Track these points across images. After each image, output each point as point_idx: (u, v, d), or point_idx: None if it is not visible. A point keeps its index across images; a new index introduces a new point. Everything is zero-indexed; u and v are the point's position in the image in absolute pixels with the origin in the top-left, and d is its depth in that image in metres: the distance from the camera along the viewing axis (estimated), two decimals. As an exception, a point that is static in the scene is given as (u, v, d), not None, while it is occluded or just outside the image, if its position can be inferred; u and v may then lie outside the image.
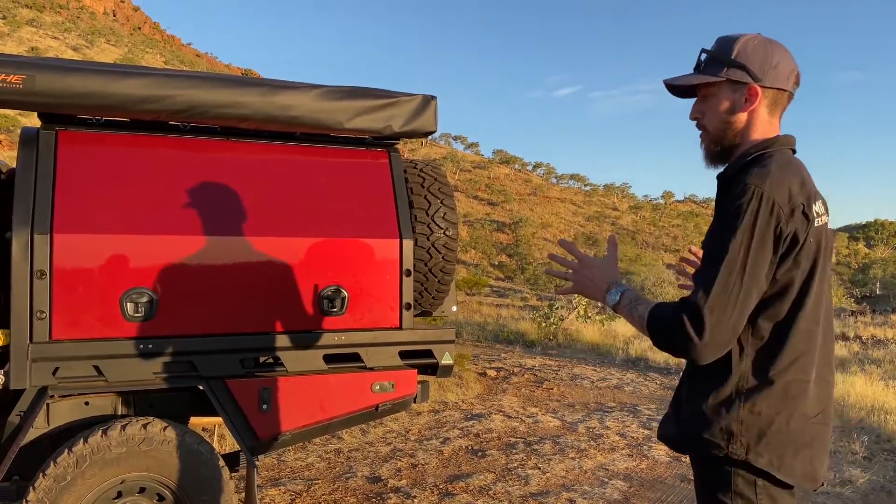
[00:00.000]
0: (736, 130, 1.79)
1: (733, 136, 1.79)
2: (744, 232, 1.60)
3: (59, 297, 3.00)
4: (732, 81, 1.76)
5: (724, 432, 1.67)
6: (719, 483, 1.70)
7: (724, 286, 1.59)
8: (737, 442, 1.67)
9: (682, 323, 1.59)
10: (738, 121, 1.78)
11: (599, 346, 13.66)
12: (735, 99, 1.77)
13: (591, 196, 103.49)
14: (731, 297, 1.59)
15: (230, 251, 3.28)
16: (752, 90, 1.75)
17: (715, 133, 1.81)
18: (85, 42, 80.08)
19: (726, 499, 1.68)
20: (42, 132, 3.17)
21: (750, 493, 1.67)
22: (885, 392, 8.33)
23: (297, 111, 3.44)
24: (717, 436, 1.68)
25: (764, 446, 1.66)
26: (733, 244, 1.60)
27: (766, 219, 1.60)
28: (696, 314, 1.58)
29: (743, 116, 1.77)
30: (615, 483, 5.10)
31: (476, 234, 67.23)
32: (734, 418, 1.67)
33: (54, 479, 2.91)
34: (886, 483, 5.23)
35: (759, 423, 1.66)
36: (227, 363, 3.27)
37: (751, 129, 1.78)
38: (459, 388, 8.43)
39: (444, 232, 3.72)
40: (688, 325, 1.58)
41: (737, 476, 1.68)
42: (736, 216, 1.61)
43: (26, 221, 2.96)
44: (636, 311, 1.73)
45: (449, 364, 3.72)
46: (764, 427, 1.66)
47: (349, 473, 5.15)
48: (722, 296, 1.58)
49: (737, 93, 1.76)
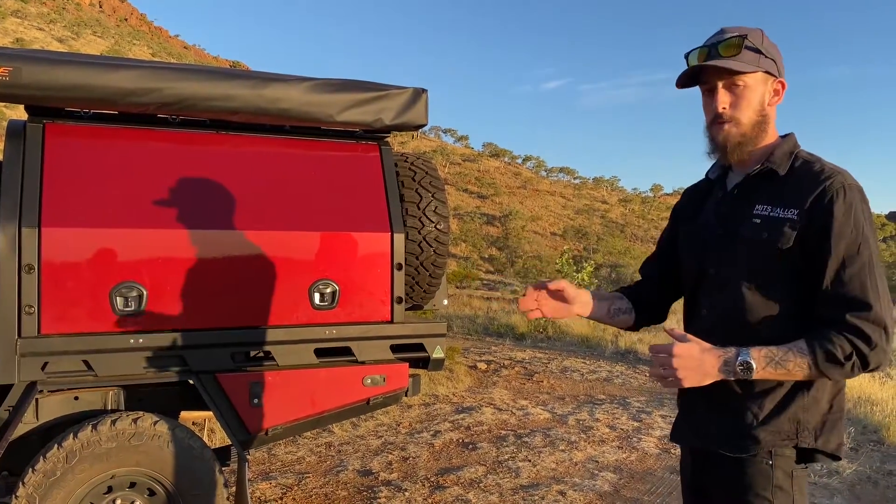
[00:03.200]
0: (766, 125, 1.77)
1: (762, 129, 1.77)
2: (871, 230, 1.64)
3: (47, 291, 2.98)
4: (766, 73, 1.75)
5: (792, 423, 1.68)
6: (758, 480, 1.69)
7: (883, 286, 1.62)
8: (804, 430, 1.68)
9: (867, 335, 1.58)
10: (769, 115, 1.77)
11: (589, 338, 13.71)
12: (765, 92, 1.75)
13: (580, 189, 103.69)
14: (888, 294, 1.63)
15: (220, 245, 3.26)
16: (782, 84, 1.76)
17: (749, 125, 1.75)
18: (71, 33, 79.30)
19: (766, 493, 1.68)
20: (29, 125, 3.14)
21: (787, 484, 1.68)
22: (870, 384, 8.42)
23: (287, 104, 3.42)
24: (786, 428, 1.68)
25: (829, 430, 1.69)
26: (871, 244, 1.63)
27: (870, 210, 1.67)
28: (879, 324, 1.58)
29: (772, 111, 1.77)
30: (605, 475, 5.13)
31: (466, 227, 67.25)
32: (800, 407, 1.68)
33: (44, 475, 2.90)
34: (872, 473, 5.29)
35: (820, 409, 1.69)
36: (218, 357, 3.26)
37: (770, 126, 1.79)
38: (450, 381, 8.45)
39: (436, 225, 3.71)
40: (873, 335, 1.58)
41: (777, 470, 1.68)
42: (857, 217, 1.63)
43: (13, 215, 2.93)
44: (788, 360, 1.60)
45: (440, 357, 3.72)
46: (825, 411, 1.70)
47: (340, 467, 5.15)
48: (885, 296, 1.62)
49: (767, 85, 1.75)
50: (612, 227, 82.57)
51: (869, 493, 4.89)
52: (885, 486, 5.03)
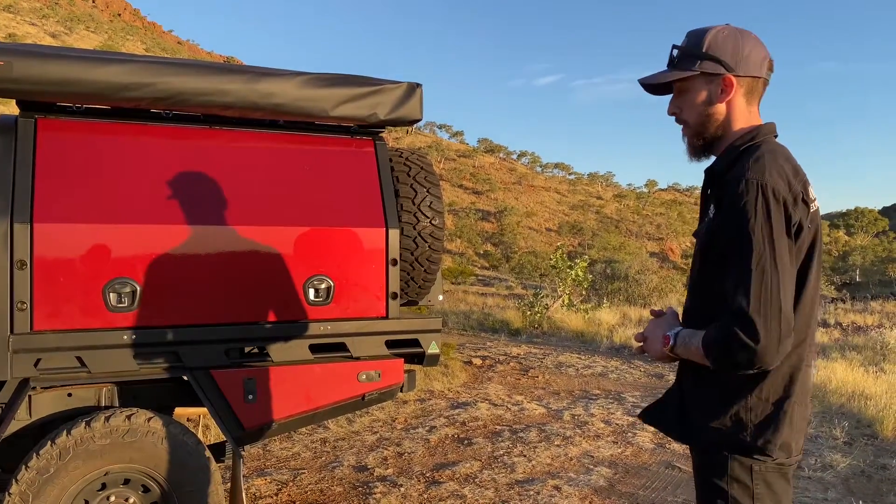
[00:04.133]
0: (717, 122, 1.80)
1: (715, 128, 1.80)
2: (761, 226, 1.60)
3: (40, 287, 2.96)
4: (707, 74, 1.78)
5: (734, 420, 1.69)
6: (716, 469, 1.71)
7: (762, 283, 1.57)
8: (746, 429, 1.68)
9: (735, 334, 1.56)
10: (717, 112, 1.79)
11: (584, 334, 13.73)
12: (711, 91, 1.79)
13: (575, 185, 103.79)
14: (773, 291, 1.56)
15: (214, 240, 3.25)
16: (727, 80, 1.77)
17: (696, 126, 1.82)
18: (64, 29, 78.90)
19: (722, 484, 1.70)
20: (21, 120, 3.11)
21: (746, 478, 1.68)
22: (864, 378, 8.45)
23: (281, 99, 3.41)
24: (728, 424, 1.69)
25: (772, 432, 1.68)
26: (755, 241, 1.59)
27: (776, 208, 1.61)
28: (744, 319, 1.56)
29: (721, 108, 1.79)
30: (600, 470, 5.14)
31: (461, 223, 67.26)
32: (743, 406, 1.68)
33: (37, 472, 2.88)
34: (866, 468, 5.31)
35: (767, 409, 1.68)
36: (212, 353, 3.24)
37: (732, 120, 1.79)
38: (445, 376, 8.45)
39: (431, 221, 3.70)
40: (741, 335, 1.55)
41: (733, 461, 1.69)
42: (747, 213, 1.61)
43: (5, 211, 2.91)
44: (691, 344, 1.70)
45: (435, 353, 3.71)
46: (770, 412, 1.68)
47: (335, 463, 5.14)
48: (763, 293, 1.56)
49: (712, 84, 1.78)
50: (607, 222, 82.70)
51: (863, 487, 4.90)
52: (879, 480, 5.05)
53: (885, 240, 68.86)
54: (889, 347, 11.05)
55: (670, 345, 1.77)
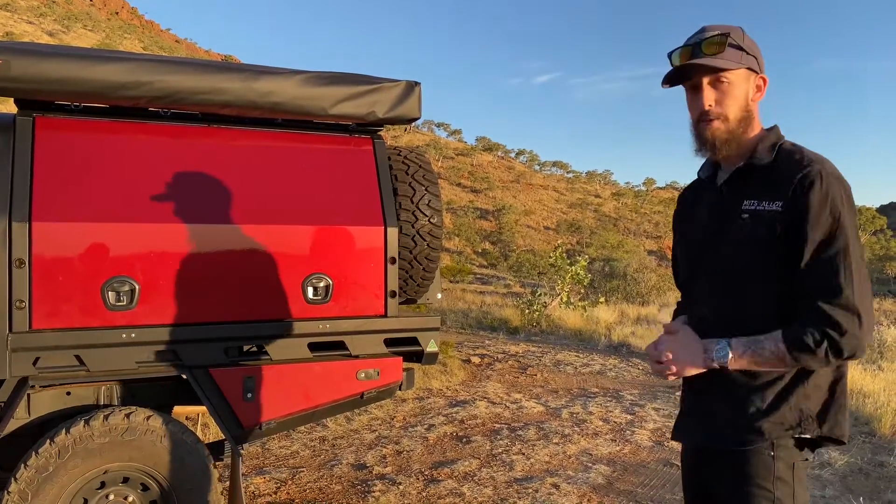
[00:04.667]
0: (750, 120, 1.79)
1: (748, 125, 1.79)
2: (850, 218, 1.63)
3: (38, 286, 2.96)
4: (749, 70, 1.77)
5: (795, 412, 1.68)
6: (759, 472, 1.68)
7: (860, 273, 1.61)
8: (807, 419, 1.68)
9: (841, 326, 1.57)
10: (753, 110, 1.80)
11: (582, 332, 13.74)
12: (748, 88, 1.78)
13: (573, 183, 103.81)
14: (866, 282, 1.62)
15: (213, 239, 3.25)
16: (764, 80, 1.79)
17: (735, 121, 1.77)
18: (61, 27, 78.75)
19: (767, 485, 1.67)
20: (19, 118, 3.11)
21: (789, 476, 1.68)
22: (863, 376, 8.46)
23: (279, 97, 3.41)
24: (789, 418, 1.68)
25: (832, 417, 1.69)
26: (849, 232, 1.62)
27: (851, 197, 1.65)
28: (850, 310, 1.58)
29: (754, 106, 1.80)
30: (599, 468, 5.15)
31: (460, 221, 67.25)
32: (802, 396, 1.68)
33: (36, 470, 2.88)
34: (864, 465, 5.32)
35: (822, 397, 1.70)
36: (211, 352, 3.25)
37: (755, 119, 1.81)
38: (444, 375, 8.45)
39: (429, 219, 3.71)
40: (848, 325, 1.57)
41: (779, 461, 1.68)
42: (837, 205, 1.62)
43: (4, 210, 2.91)
44: (765, 348, 1.64)
45: (434, 351, 3.71)
46: (826, 399, 1.70)
47: (334, 461, 5.15)
48: (861, 283, 1.60)
49: (749, 81, 1.78)
50: (605, 220, 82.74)
51: (861, 485, 4.92)
52: (877, 478, 5.06)
53: (882, 238, 68.92)
54: (887, 345, 11.07)
55: (726, 352, 1.66)
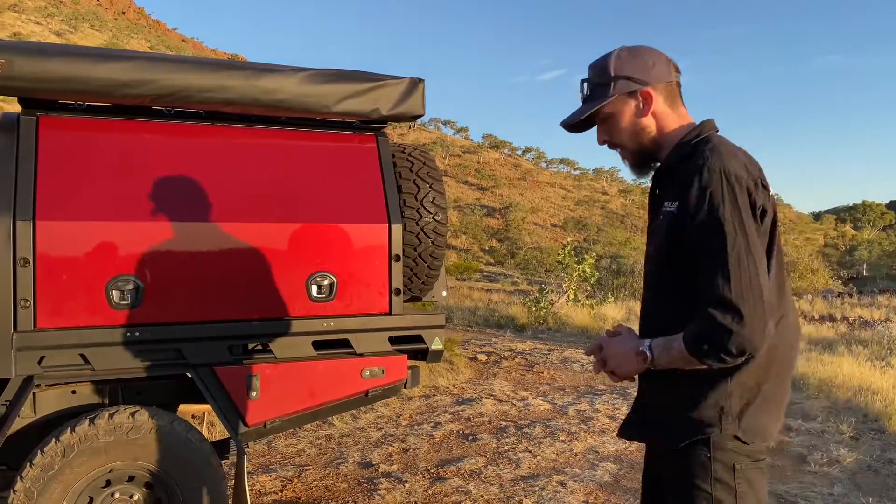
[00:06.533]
0: (650, 134, 1.83)
1: (650, 139, 1.83)
2: (730, 212, 1.59)
3: (43, 285, 2.96)
4: (624, 94, 1.80)
5: (715, 409, 1.67)
6: (697, 472, 1.68)
7: (740, 268, 1.56)
8: (727, 417, 1.66)
9: (721, 324, 1.55)
10: (647, 125, 1.82)
11: (589, 329, 13.71)
12: (633, 108, 1.81)
13: (580, 180, 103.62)
14: (751, 276, 1.56)
15: (217, 237, 3.24)
16: (646, 93, 1.80)
17: (632, 144, 1.85)
18: (68, 27, 79.11)
19: (706, 486, 1.66)
20: (23, 117, 3.11)
21: (729, 478, 1.66)
22: (871, 373, 8.41)
23: (283, 95, 3.39)
24: (708, 415, 1.67)
25: (752, 417, 1.67)
26: (727, 227, 1.59)
27: (741, 193, 1.62)
28: (728, 307, 1.55)
29: (649, 120, 1.82)
30: (605, 465, 5.13)
31: (466, 219, 67.24)
32: (722, 393, 1.67)
33: (42, 469, 2.89)
34: (873, 462, 5.29)
35: (745, 395, 1.67)
36: (215, 350, 3.24)
37: (664, 126, 1.82)
38: (450, 372, 8.45)
39: (434, 217, 3.69)
40: (727, 323, 1.54)
41: (716, 463, 1.67)
42: (714, 200, 1.61)
43: (8, 208, 2.91)
44: (672, 350, 1.66)
45: (439, 349, 3.70)
46: (751, 397, 1.68)
47: (340, 459, 5.15)
48: (743, 278, 1.56)
49: (632, 102, 1.81)
50: (612, 217, 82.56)
51: (869, 482, 4.88)
52: (886, 475, 5.03)
53: (892, 234, 68.51)
54: (896, 342, 11.00)
55: (650, 358, 1.71)
